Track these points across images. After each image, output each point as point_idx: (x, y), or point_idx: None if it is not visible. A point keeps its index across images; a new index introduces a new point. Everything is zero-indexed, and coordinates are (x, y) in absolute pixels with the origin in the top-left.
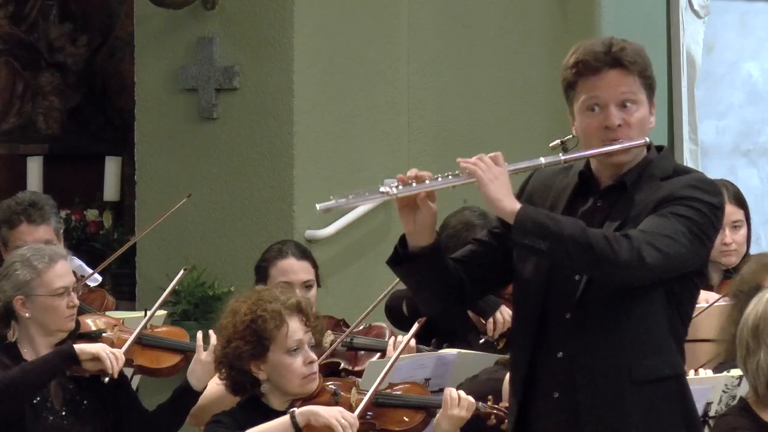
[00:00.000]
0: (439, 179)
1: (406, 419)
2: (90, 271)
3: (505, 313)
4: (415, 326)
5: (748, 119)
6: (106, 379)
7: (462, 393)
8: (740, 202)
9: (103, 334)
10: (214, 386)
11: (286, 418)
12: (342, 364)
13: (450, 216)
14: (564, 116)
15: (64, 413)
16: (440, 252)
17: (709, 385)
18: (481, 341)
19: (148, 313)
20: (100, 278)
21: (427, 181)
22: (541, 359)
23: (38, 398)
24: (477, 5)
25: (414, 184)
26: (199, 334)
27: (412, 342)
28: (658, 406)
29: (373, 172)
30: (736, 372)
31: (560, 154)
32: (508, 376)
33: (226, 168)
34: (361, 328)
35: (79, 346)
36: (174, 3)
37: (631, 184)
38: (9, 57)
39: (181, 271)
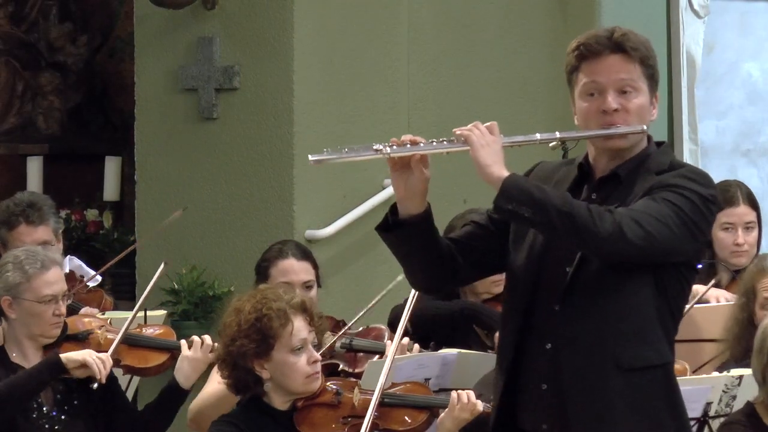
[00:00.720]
0: (434, 143)
1: (409, 420)
2: (90, 271)
3: None
4: (409, 301)
5: (748, 119)
6: (95, 385)
7: (472, 396)
8: (753, 204)
9: (90, 335)
10: (214, 387)
11: None
12: (341, 366)
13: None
14: (564, 116)
15: (54, 414)
16: (431, 222)
17: (709, 385)
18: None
19: (138, 313)
20: (99, 278)
21: (421, 145)
22: (529, 350)
23: None
24: (477, 5)
25: (408, 146)
26: (183, 342)
27: (407, 342)
28: (644, 394)
29: (374, 172)
30: (737, 372)
31: (556, 132)
32: None
33: (226, 168)
34: (360, 330)
35: (65, 356)
36: (174, 3)
37: (625, 176)
38: (9, 57)
39: (162, 265)
